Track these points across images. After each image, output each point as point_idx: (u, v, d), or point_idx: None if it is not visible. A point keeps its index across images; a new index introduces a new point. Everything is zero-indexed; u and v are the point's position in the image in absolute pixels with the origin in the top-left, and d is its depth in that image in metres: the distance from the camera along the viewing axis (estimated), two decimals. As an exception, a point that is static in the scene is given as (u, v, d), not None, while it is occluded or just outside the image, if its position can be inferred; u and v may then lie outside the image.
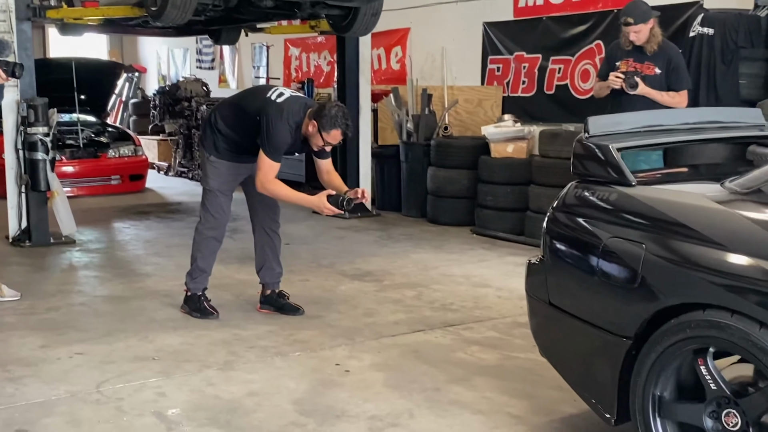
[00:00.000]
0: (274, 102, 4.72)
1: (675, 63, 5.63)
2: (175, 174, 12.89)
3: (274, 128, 4.65)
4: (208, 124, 5.03)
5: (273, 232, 5.19)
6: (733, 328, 2.52)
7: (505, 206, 7.80)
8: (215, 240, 5.15)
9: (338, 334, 4.71)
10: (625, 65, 5.68)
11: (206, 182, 5.04)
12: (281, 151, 4.73)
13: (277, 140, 4.66)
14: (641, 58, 5.65)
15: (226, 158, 4.96)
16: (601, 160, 3.17)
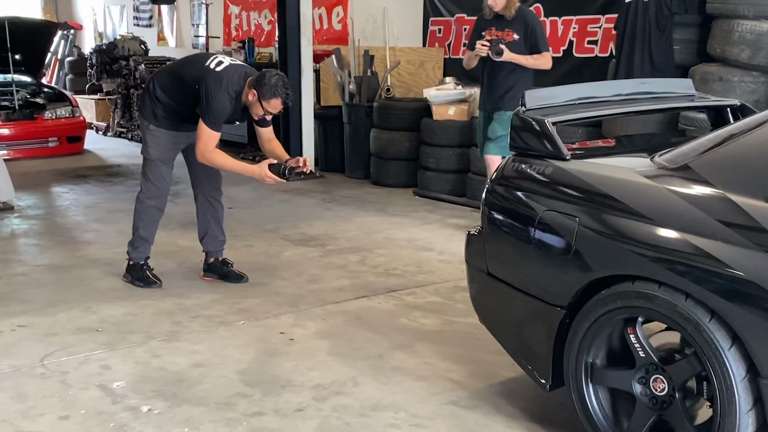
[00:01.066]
0: (213, 70, 4.69)
1: (532, 27, 5.98)
2: (114, 134, 12.67)
3: (213, 97, 4.62)
4: (147, 92, 4.97)
5: (215, 200, 5.19)
6: (660, 298, 2.65)
7: (447, 168, 7.89)
8: (157, 209, 5.13)
9: (283, 301, 4.77)
10: (489, 34, 6.00)
11: (146, 151, 5.00)
12: (221, 121, 4.72)
13: (217, 109, 4.65)
14: (501, 26, 5.99)
15: (166, 127, 4.92)
16: (537, 133, 3.25)
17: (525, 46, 5.93)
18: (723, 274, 2.49)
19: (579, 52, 7.51)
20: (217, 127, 4.68)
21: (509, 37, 5.95)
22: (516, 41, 5.93)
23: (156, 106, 4.89)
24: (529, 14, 6.15)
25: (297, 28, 8.84)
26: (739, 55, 5.49)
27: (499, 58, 5.87)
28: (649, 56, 6.00)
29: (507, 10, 5.92)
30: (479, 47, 5.89)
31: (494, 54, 5.85)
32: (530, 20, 6.03)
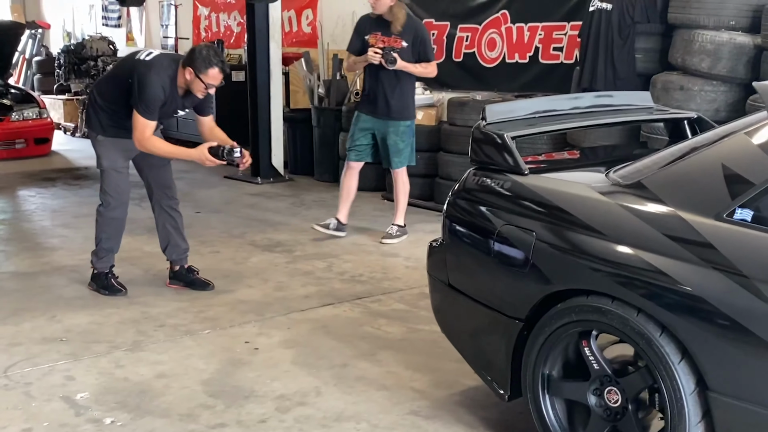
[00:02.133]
0: (143, 60, 4.72)
1: (422, 37, 6.13)
2: (82, 135, 12.54)
3: (145, 85, 4.62)
4: (90, 104, 4.98)
5: (171, 209, 5.19)
6: (613, 313, 2.72)
7: (415, 172, 7.86)
8: (119, 219, 5.13)
9: (248, 309, 4.79)
10: (374, 39, 6.05)
11: (99, 163, 5.00)
12: (155, 108, 4.68)
13: (149, 95, 4.62)
14: (389, 33, 6.04)
15: (112, 134, 4.90)
16: (497, 148, 3.31)
17: (413, 55, 6.05)
18: (673, 290, 2.55)
19: (545, 58, 7.59)
20: (151, 115, 4.65)
21: (398, 44, 6.04)
22: (404, 48, 6.03)
23: (100, 115, 4.88)
24: (420, 24, 6.30)
25: (266, 31, 8.85)
26: (700, 65, 5.59)
27: (392, 66, 5.94)
28: (612, 64, 6.08)
29: (393, 18, 5.98)
30: (371, 55, 5.93)
31: (388, 63, 5.91)
32: (420, 30, 6.18)
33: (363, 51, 6.09)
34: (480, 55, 8.13)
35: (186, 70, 4.63)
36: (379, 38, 6.05)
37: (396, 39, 6.05)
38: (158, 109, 4.71)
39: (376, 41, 6.04)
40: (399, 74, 6.04)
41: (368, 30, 6.12)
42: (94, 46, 12.89)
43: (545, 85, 7.48)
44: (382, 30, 6.07)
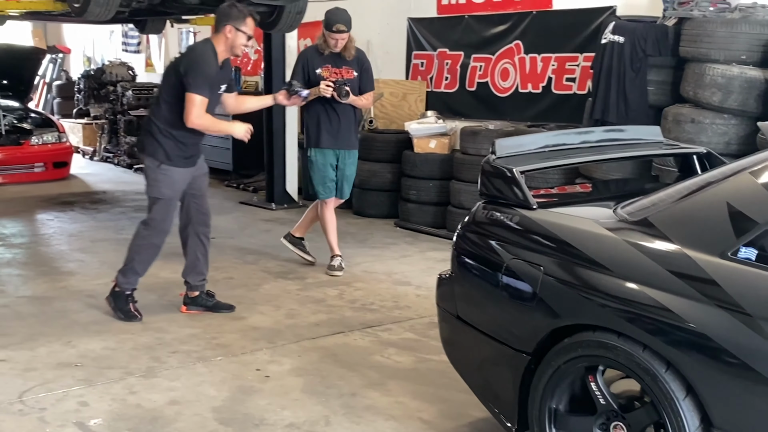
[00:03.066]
0: (181, 53, 4.93)
1: (367, 68, 6.23)
2: (100, 159, 12.75)
3: (196, 62, 4.75)
4: (150, 132, 4.95)
5: (206, 237, 5.28)
6: (620, 349, 2.74)
7: (428, 200, 8.01)
8: (158, 247, 5.18)
9: (260, 336, 4.84)
10: (328, 72, 6.06)
11: (158, 191, 4.98)
12: (207, 83, 4.76)
13: (200, 70, 4.73)
14: (339, 64, 6.09)
15: (180, 165, 4.95)
16: (506, 182, 3.36)
17: (357, 84, 6.15)
18: (678, 327, 2.58)
19: (558, 89, 7.66)
20: (203, 91, 4.74)
21: (350, 74, 6.10)
22: (355, 78, 6.11)
23: (165, 144, 4.90)
24: (364, 55, 6.35)
25: (282, 60, 8.97)
26: (711, 98, 5.62)
27: (345, 100, 5.97)
28: (624, 96, 6.13)
29: (346, 50, 6.05)
30: (323, 88, 5.91)
31: (341, 96, 5.94)
32: (366, 61, 6.26)
33: (309, 83, 6.03)
34: (493, 85, 8.20)
35: (225, 30, 4.79)
36: (331, 70, 6.06)
37: (348, 70, 6.10)
38: (207, 85, 4.77)
39: (329, 74, 6.04)
40: (349, 106, 6.10)
41: (317, 63, 6.08)
42: (114, 72, 13.09)
43: (558, 116, 7.55)
44: (332, 62, 6.07)
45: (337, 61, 6.07)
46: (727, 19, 5.74)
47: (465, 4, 8.41)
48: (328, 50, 6.03)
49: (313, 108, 6.11)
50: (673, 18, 6.12)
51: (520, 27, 7.89)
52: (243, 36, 4.80)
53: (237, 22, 4.77)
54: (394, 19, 9.22)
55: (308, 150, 6.26)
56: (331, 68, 6.06)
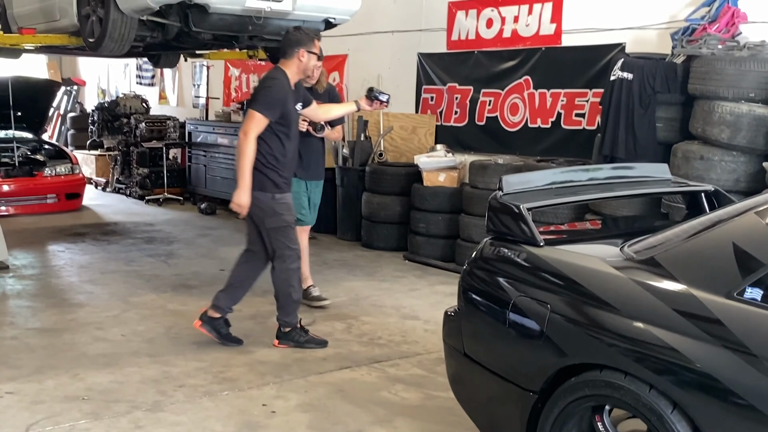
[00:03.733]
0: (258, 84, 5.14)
1: (336, 99, 6.36)
2: (113, 190, 12.83)
3: (264, 86, 5.00)
4: (256, 167, 5.00)
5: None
6: (626, 388, 2.73)
7: (437, 233, 8.02)
8: (299, 268, 5.32)
9: (267, 371, 4.83)
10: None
11: (278, 220, 5.09)
12: (272, 105, 4.95)
13: (268, 93, 4.97)
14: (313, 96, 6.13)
15: (287, 190, 5.19)
16: (513, 218, 3.37)
17: None
18: (684, 367, 2.57)
19: (567, 124, 7.69)
20: (265, 111, 4.92)
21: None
22: None
23: (271, 175, 5.06)
24: (334, 89, 6.49)
25: (293, 93, 9.02)
26: (720, 135, 5.63)
27: (321, 133, 6.07)
28: (633, 132, 6.15)
29: (318, 83, 6.13)
30: (300, 122, 5.86)
31: (317, 130, 6.02)
32: (335, 95, 6.42)
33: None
34: (502, 120, 8.25)
35: (298, 54, 5.05)
36: None
37: (319, 103, 6.14)
38: (278, 107, 4.97)
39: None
40: (319, 138, 6.18)
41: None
42: (128, 104, 13.23)
43: (567, 151, 7.57)
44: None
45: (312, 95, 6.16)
46: (735, 57, 5.77)
47: (475, 39, 8.49)
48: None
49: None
50: (682, 55, 6.16)
51: (529, 63, 7.95)
52: (314, 57, 5.12)
53: (308, 45, 5.07)
54: (404, 54, 9.31)
55: None
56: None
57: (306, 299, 6.26)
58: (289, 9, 6.32)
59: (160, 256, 8.12)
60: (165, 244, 8.72)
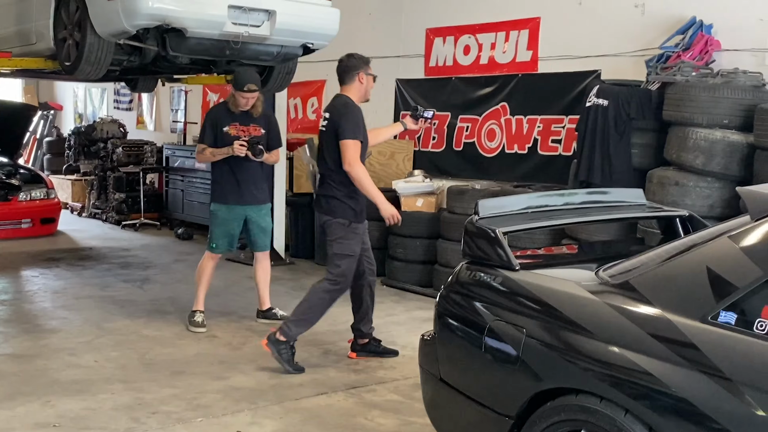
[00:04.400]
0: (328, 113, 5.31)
1: (275, 125, 6.43)
2: (89, 215, 12.72)
3: (346, 112, 5.17)
4: (334, 196, 5.24)
5: (374, 286, 5.54)
6: (601, 413, 2.72)
7: (415, 259, 8.01)
8: (334, 300, 5.37)
9: (242, 397, 4.77)
10: (235, 130, 6.16)
11: (349, 249, 5.21)
12: (359, 128, 5.17)
13: (352, 117, 5.18)
14: (246, 121, 6.20)
15: (362, 220, 5.30)
16: (489, 243, 3.37)
17: (265, 140, 6.25)
18: (659, 391, 2.57)
19: (543, 150, 7.75)
20: (357, 135, 5.16)
21: (257, 131, 6.21)
22: (263, 135, 6.22)
23: (350, 203, 5.23)
24: (271, 113, 6.56)
25: (272, 118, 9.02)
26: (694, 161, 5.69)
27: (260, 158, 6.09)
28: (609, 158, 6.19)
29: (254, 108, 6.16)
30: (237, 148, 6.00)
31: (256, 155, 6.05)
32: (273, 119, 6.49)
33: (218, 141, 6.15)
34: (480, 145, 8.29)
35: (358, 77, 5.27)
36: (239, 128, 6.17)
37: (255, 127, 6.21)
38: (361, 128, 5.19)
39: (237, 131, 6.15)
40: (257, 162, 6.19)
41: (225, 121, 6.18)
42: (105, 129, 13.15)
43: (544, 176, 7.62)
44: (240, 120, 6.18)
45: (245, 119, 6.21)
46: (709, 84, 5.84)
47: (452, 66, 8.55)
48: (237, 109, 6.16)
49: (220, 165, 6.22)
50: (657, 82, 6.22)
51: (506, 89, 8.01)
52: (372, 78, 5.31)
53: (366, 67, 5.28)
54: (382, 80, 9.24)
55: (212, 204, 6.35)
56: (239, 126, 6.20)
57: (273, 319, 6.31)
58: (267, 34, 6.33)
59: (136, 281, 8.05)
60: (141, 270, 8.64)
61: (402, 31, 9.14)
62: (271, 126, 6.39)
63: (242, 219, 6.30)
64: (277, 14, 6.24)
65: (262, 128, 6.26)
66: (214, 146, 6.18)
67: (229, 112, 6.20)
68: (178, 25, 5.93)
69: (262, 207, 6.37)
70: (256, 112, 6.21)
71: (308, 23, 6.51)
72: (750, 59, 6.20)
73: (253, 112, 6.19)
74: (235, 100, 6.15)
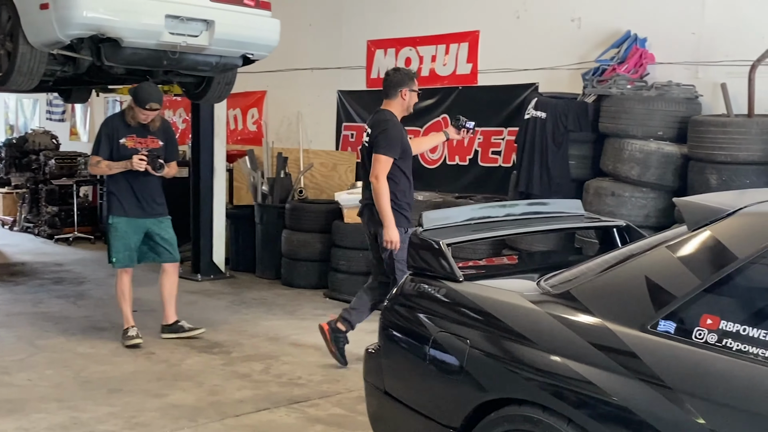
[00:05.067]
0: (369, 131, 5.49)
1: (172, 139, 6.45)
2: (20, 229, 12.37)
3: (384, 128, 5.34)
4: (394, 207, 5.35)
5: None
6: (545, 423, 2.72)
7: (358, 270, 7.96)
8: None
9: (181, 415, 4.67)
10: (132, 141, 6.13)
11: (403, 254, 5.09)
12: (394, 146, 5.33)
13: (389, 133, 5.33)
14: (144, 133, 6.19)
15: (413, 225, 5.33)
16: (433, 254, 3.37)
17: (164, 152, 6.23)
18: (601, 400, 2.58)
19: (484, 161, 7.82)
20: (389, 152, 5.32)
21: (154, 143, 6.19)
22: (161, 147, 6.21)
23: (402, 211, 5.41)
24: (169, 125, 6.53)
25: (210, 130, 8.93)
26: (630, 172, 5.80)
27: (161, 172, 6.05)
28: (547, 169, 6.27)
29: (152, 121, 6.14)
30: (137, 162, 5.95)
31: (156, 170, 6.01)
32: (171, 132, 6.49)
33: (114, 154, 6.07)
34: (422, 157, 8.31)
35: (401, 93, 5.46)
36: (137, 140, 6.12)
37: (153, 139, 6.18)
38: (397, 145, 5.34)
39: (134, 143, 6.10)
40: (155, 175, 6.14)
41: (121, 132, 6.12)
42: (37, 140, 12.83)
43: (485, 188, 7.68)
44: (137, 132, 6.13)
45: (143, 132, 6.15)
46: (644, 96, 5.97)
47: (393, 78, 8.56)
48: (135, 122, 6.10)
49: (117, 177, 6.13)
50: (593, 95, 6.33)
51: (447, 101, 8.06)
52: (415, 95, 5.50)
53: (409, 84, 5.46)
54: (324, 91, 9.33)
55: (110, 217, 6.20)
56: (137, 138, 6.14)
57: (178, 333, 6.26)
58: (206, 44, 6.25)
59: (70, 297, 7.84)
60: (75, 285, 8.42)
61: (343, 43, 9.14)
62: (169, 138, 6.35)
63: (143, 232, 6.20)
64: (215, 24, 6.16)
65: (160, 140, 6.20)
66: (110, 158, 6.08)
67: (126, 124, 6.13)
68: (113, 35, 5.80)
69: (162, 220, 6.28)
70: (154, 126, 6.16)
71: (248, 33, 6.44)
72: (683, 72, 6.35)
73: (151, 125, 6.14)
74: (134, 114, 6.09)
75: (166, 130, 6.39)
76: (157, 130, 6.22)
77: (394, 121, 5.43)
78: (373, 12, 8.84)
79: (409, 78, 5.50)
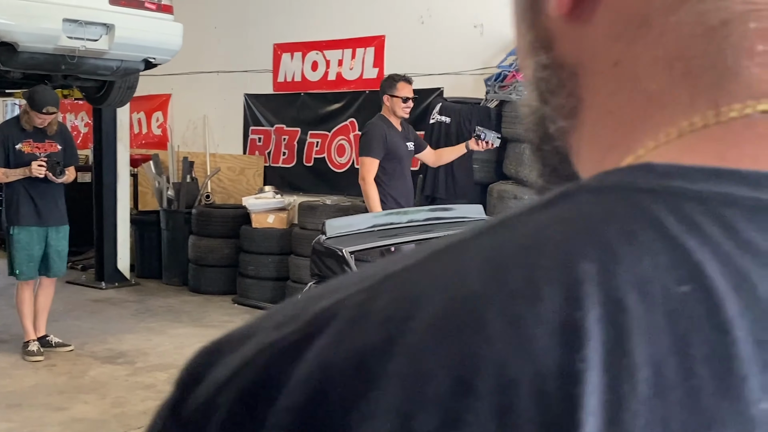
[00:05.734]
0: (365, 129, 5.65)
1: (71, 143, 6.37)
2: None
3: (365, 131, 5.56)
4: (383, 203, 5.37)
5: None
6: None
7: (267, 276, 7.94)
8: None
9: (84, 428, 4.57)
10: (29, 146, 6.03)
11: None
12: (375, 146, 5.38)
13: (370, 136, 5.45)
14: (41, 138, 6.09)
15: None
16: (336, 262, 3.40)
17: (63, 157, 6.11)
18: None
19: (391, 165, 7.88)
20: (371, 153, 5.38)
21: (54, 148, 6.09)
22: (59, 152, 6.10)
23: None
24: (67, 129, 6.46)
25: (113, 134, 8.72)
26: (530, 175, 5.96)
27: (60, 179, 5.95)
28: (452, 173, 6.39)
29: (49, 126, 6.04)
30: (36, 168, 5.81)
31: (57, 176, 5.89)
32: (69, 135, 6.38)
33: (10, 160, 5.91)
34: (330, 161, 8.34)
35: (384, 99, 5.57)
36: (34, 145, 6.00)
37: (51, 144, 6.05)
38: (379, 146, 5.38)
39: (31, 149, 5.98)
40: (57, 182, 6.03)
41: (17, 138, 5.96)
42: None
43: (392, 190, 7.73)
44: (33, 137, 6.00)
45: (40, 136, 6.01)
46: (542, 102, 6.13)
47: (300, 82, 8.57)
48: (31, 126, 5.96)
49: (14, 184, 5.96)
50: (495, 100, 6.48)
51: (354, 105, 8.10)
52: (398, 100, 5.53)
53: (389, 90, 5.56)
54: (230, 95, 9.24)
55: (11, 228, 5.99)
56: (34, 143, 6.00)
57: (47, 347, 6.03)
58: (106, 48, 6.12)
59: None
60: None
61: (249, 46, 9.06)
62: (68, 142, 6.19)
63: (44, 241, 6.02)
64: (115, 28, 6.04)
65: (58, 144, 6.05)
66: (7, 166, 5.88)
67: (22, 129, 5.96)
68: (8, 39, 5.63)
69: (60, 229, 6.11)
70: (51, 130, 6.01)
71: (149, 38, 6.34)
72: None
73: (48, 129, 5.98)
74: (29, 118, 5.90)
75: (63, 133, 6.22)
76: (55, 134, 6.06)
77: (378, 123, 5.54)
78: (280, 15, 8.81)
79: (388, 85, 5.64)
